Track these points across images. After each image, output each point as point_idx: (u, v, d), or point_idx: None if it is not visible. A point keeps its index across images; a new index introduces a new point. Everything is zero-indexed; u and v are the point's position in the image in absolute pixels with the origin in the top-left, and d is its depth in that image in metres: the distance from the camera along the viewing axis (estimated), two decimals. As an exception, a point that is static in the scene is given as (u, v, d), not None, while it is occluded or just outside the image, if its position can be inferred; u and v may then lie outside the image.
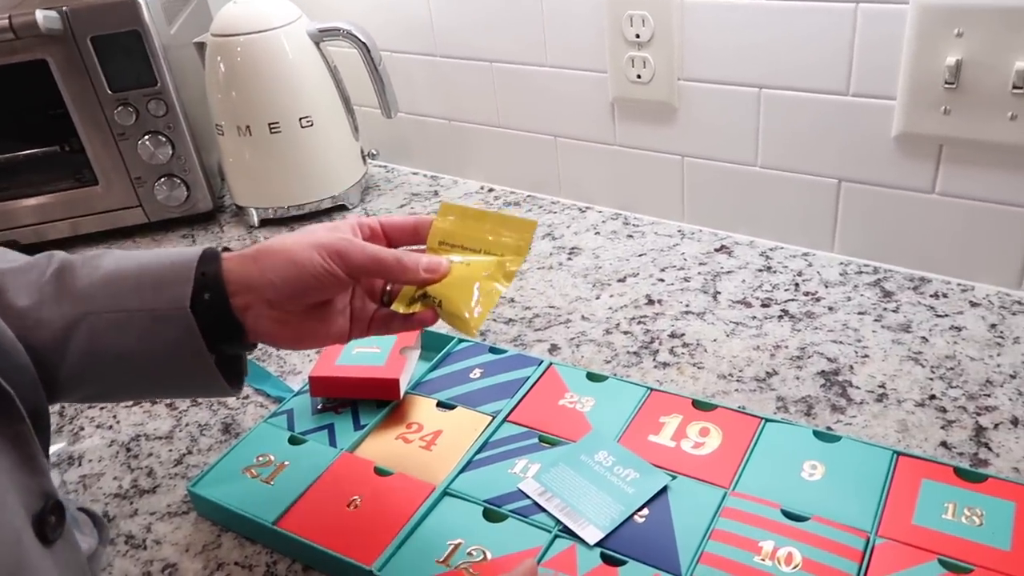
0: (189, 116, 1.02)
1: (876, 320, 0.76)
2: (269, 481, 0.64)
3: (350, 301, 0.58)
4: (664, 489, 0.59)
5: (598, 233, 0.97)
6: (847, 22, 0.75)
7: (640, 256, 0.91)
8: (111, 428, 0.75)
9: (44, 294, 0.50)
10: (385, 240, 0.59)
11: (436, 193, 1.11)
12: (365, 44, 1.00)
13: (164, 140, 1.01)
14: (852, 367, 0.71)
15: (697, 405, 0.66)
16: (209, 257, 0.53)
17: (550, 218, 1.01)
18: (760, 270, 0.86)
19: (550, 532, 0.57)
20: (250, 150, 1.02)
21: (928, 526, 0.54)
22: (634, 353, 0.76)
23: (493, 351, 0.75)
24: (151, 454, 0.71)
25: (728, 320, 0.79)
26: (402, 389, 0.70)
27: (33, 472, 0.43)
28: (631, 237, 0.95)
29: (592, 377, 0.70)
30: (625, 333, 0.79)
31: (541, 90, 0.98)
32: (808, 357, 0.73)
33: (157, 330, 0.51)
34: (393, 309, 0.57)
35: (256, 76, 0.99)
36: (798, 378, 0.71)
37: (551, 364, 0.72)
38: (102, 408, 0.77)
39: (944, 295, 0.79)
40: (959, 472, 0.57)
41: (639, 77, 0.88)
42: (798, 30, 0.78)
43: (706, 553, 0.54)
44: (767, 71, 0.81)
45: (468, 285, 0.55)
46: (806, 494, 0.57)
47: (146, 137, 1.00)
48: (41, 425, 0.45)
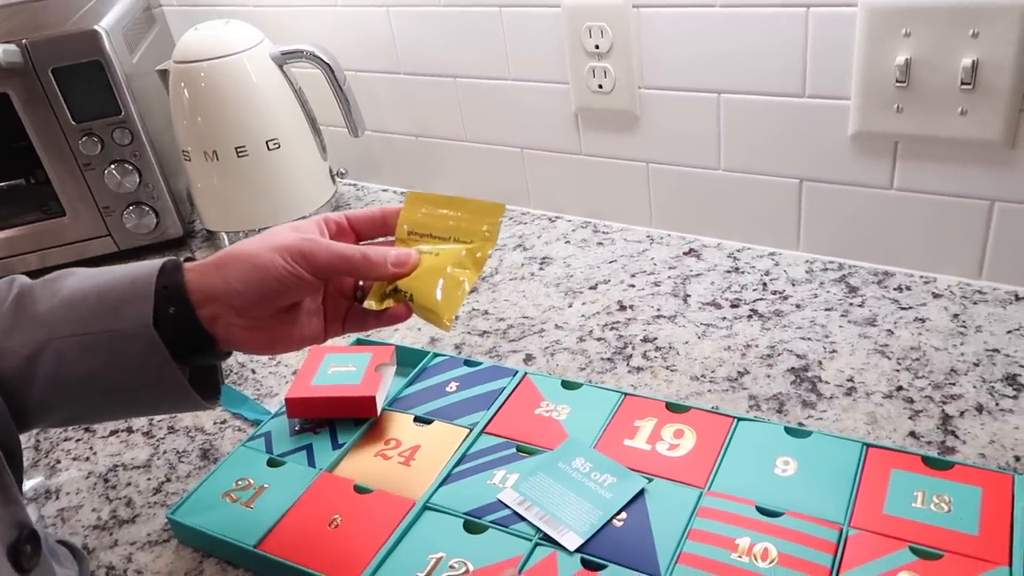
0: (155, 143, 1.02)
1: (843, 315, 0.78)
2: (249, 505, 0.64)
3: (323, 301, 0.57)
4: (641, 492, 0.59)
5: (568, 242, 0.98)
6: (799, 25, 0.77)
7: (611, 263, 0.92)
8: (88, 460, 0.74)
9: (5, 323, 0.50)
10: (353, 234, 0.58)
11: (407, 209, 1.11)
12: (329, 65, 1.00)
13: (131, 168, 1.01)
14: (821, 363, 0.73)
15: (671, 407, 0.67)
16: (170, 269, 0.52)
17: (520, 229, 1.02)
18: (728, 271, 0.87)
19: (530, 540, 0.57)
20: (218, 175, 1.02)
21: (899, 515, 0.55)
22: (608, 359, 0.77)
23: (468, 364, 0.76)
24: (129, 483, 0.71)
25: (699, 322, 0.80)
26: (379, 406, 0.70)
27: (6, 502, 0.43)
28: (601, 244, 0.96)
29: (567, 385, 0.71)
30: (598, 340, 0.80)
31: (505, 103, 0.99)
32: (778, 355, 0.74)
33: (122, 350, 0.50)
34: (365, 306, 0.56)
35: (221, 101, 0.99)
36: (769, 376, 0.72)
37: (526, 374, 0.73)
38: (78, 440, 0.77)
39: (908, 287, 0.80)
40: (927, 461, 0.59)
41: (600, 87, 0.90)
42: (753, 36, 0.79)
43: (684, 553, 0.55)
44: (725, 77, 0.83)
45: (438, 277, 0.54)
46: (780, 490, 0.58)
47: (112, 166, 1.00)
48: (12, 454, 0.45)
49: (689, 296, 0.84)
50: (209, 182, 1.03)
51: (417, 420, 0.70)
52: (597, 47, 0.87)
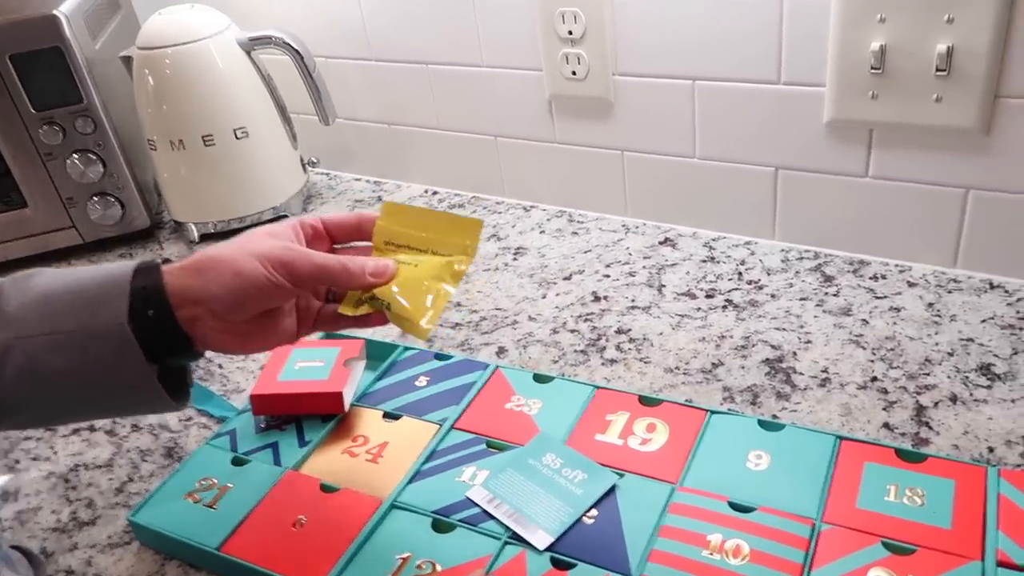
0: (119, 132, 1.00)
1: (818, 305, 0.77)
2: (212, 505, 0.62)
3: (295, 301, 0.58)
4: (612, 488, 0.59)
5: (543, 232, 0.96)
6: (774, 11, 0.75)
7: (585, 253, 0.91)
8: (48, 460, 0.72)
9: None
10: (328, 239, 0.58)
11: (380, 198, 1.10)
12: (298, 51, 0.98)
13: (94, 158, 0.98)
14: (796, 353, 0.72)
15: (643, 401, 0.66)
16: (146, 270, 0.52)
17: (495, 218, 1.00)
18: (704, 261, 0.86)
19: (499, 539, 0.56)
20: (185, 164, 0.99)
21: (872, 509, 0.55)
22: (581, 351, 0.76)
23: (439, 357, 0.75)
24: (91, 484, 0.69)
25: (673, 313, 0.79)
26: (346, 402, 0.68)
27: None
28: (576, 234, 0.95)
29: (539, 379, 0.70)
30: (572, 332, 0.79)
31: (478, 90, 0.97)
32: (752, 346, 0.73)
33: (94, 348, 0.50)
34: (340, 312, 0.56)
35: (186, 88, 0.96)
36: (743, 367, 0.71)
37: (497, 368, 0.72)
38: (39, 439, 0.75)
39: (883, 276, 0.80)
40: (900, 453, 0.58)
41: (574, 74, 0.88)
42: (728, 22, 0.78)
43: (655, 551, 0.54)
44: (700, 63, 0.81)
45: (416, 287, 0.54)
46: (752, 485, 0.58)
47: (75, 156, 0.97)
48: None
49: (664, 287, 0.83)
50: (176, 172, 1.01)
51: (386, 416, 0.69)
52: (571, 33, 0.86)
